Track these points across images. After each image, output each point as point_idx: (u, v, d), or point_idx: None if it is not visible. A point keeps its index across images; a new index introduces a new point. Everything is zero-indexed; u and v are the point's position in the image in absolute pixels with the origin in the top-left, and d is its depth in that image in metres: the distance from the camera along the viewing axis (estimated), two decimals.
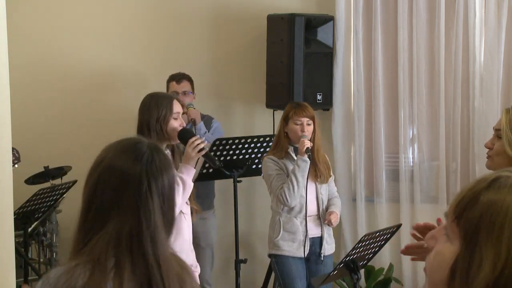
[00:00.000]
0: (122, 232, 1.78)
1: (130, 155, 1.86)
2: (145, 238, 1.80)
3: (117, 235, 1.78)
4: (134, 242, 1.79)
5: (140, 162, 1.84)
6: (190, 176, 3.64)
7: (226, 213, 5.35)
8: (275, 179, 4.41)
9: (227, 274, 5.44)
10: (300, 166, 4.33)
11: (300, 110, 4.43)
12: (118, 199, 1.81)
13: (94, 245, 1.78)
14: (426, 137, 5.28)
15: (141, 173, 1.83)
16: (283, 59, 5.17)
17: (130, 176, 1.83)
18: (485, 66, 5.10)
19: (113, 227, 1.79)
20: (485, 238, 1.12)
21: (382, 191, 5.36)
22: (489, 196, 1.14)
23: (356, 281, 3.80)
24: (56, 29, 5.91)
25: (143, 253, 1.79)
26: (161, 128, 3.63)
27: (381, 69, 5.32)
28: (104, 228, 1.79)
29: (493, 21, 5.06)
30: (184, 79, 5.21)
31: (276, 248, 4.46)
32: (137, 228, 1.79)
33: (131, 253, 1.78)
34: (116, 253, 1.77)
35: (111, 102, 5.86)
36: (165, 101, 3.68)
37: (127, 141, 1.93)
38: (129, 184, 1.82)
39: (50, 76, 5.91)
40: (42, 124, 5.81)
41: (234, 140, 4.67)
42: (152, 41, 5.80)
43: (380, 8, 5.28)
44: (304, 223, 4.43)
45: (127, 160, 1.85)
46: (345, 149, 5.43)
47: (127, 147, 1.89)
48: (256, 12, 5.51)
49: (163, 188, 1.85)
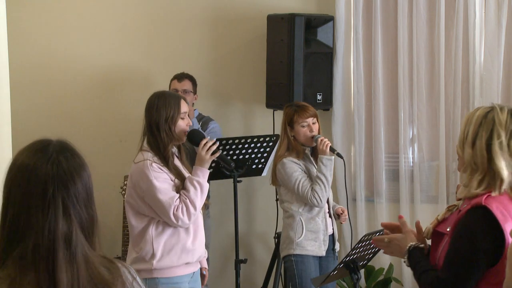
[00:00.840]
0: (35, 243, 1.71)
1: (42, 160, 1.77)
2: (57, 247, 1.71)
3: (32, 247, 1.70)
4: (46, 253, 1.70)
5: (46, 166, 1.75)
6: (205, 178, 3.71)
7: (226, 213, 5.35)
8: (301, 180, 4.37)
9: (227, 274, 5.44)
10: (327, 166, 4.34)
11: (303, 112, 4.42)
12: (28, 209, 1.73)
13: (11, 261, 1.72)
14: (426, 137, 5.28)
15: (46, 178, 1.74)
16: (283, 59, 5.17)
17: (36, 181, 1.74)
18: (485, 66, 5.10)
19: (29, 238, 1.71)
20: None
21: (382, 191, 5.36)
22: None
23: (356, 281, 3.80)
24: (56, 29, 5.90)
25: (54, 263, 1.70)
26: (170, 128, 3.65)
27: (381, 69, 5.32)
28: (23, 239, 1.72)
29: (493, 21, 5.06)
30: (186, 78, 5.26)
31: (300, 248, 4.40)
32: (49, 236, 1.71)
33: (44, 268, 1.70)
34: (33, 267, 1.70)
35: (112, 102, 5.85)
36: (173, 101, 3.70)
37: (35, 145, 1.84)
38: (35, 190, 1.73)
39: (51, 76, 5.90)
40: (42, 124, 5.81)
41: (234, 140, 4.67)
42: (152, 41, 5.80)
43: (380, 8, 5.28)
44: (325, 222, 4.44)
45: (38, 166, 1.76)
46: (345, 149, 5.43)
47: (36, 150, 1.80)
48: (256, 12, 5.51)
49: (76, 193, 1.76)
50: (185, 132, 3.72)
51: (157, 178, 3.59)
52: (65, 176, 1.76)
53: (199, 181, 3.66)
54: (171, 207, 3.58)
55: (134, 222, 3.69)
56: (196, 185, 3.65)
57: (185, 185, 3.66)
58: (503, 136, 2.50)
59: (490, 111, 2.55)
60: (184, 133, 3.71)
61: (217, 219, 5.58)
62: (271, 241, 5.25)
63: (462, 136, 2.58)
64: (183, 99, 3.77)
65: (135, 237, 3.71)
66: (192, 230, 3.74)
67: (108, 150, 5.78)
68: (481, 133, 2.52)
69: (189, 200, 3.62)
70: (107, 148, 5.79)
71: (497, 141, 2.50)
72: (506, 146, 2.51)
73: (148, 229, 3.66)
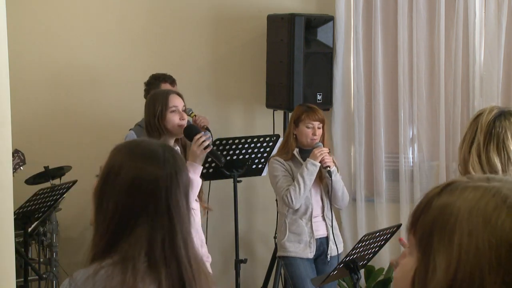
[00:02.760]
0: (155, 237, 1.78)
1: (151, 160, 1.85)
2: (178, 242, 1.80)
3: (150, 240, 1.78)
4: (167, 247, 1.79)
5: (164, 166, 1.83)
6: (198, 174, 3.65)
7: (226, 213, 5.35)
8: (280, 180, 4.40)
9: (227, 274, 5.44)
10: (309, 170, 4.31)
11: (313, 114, 4.41)
12: (147, 206, 1.80)
13: (126, 249, 1.77)
14: (426, 137, 5.28)
15: (167, 177, 1.82)
16: (283, 59, 5.17)
17: (159, 182, 1.82)
18: (485, 66, 5.10)
19: (144, 233, 1.78)
20: (438, 243, 1.07)
21: (382, 191, 5.36)
22: (440, 201, 1.10)
23: (356, 281, 3.80)
24: (56, 29, 5.90)
25: (176, 256, 1.80)
26: (160, 125, 3.61)
27: (381, 69, 5.32)
28: (132, 233, 1.79)
29: (493, 21, 5.06)
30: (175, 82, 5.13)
31: (283, 249, 4.44)
32: (171, 233, 1.80)
33: (165, 257, 1.79)
34: (149, 256, 1.78)
35: (112, 102, 5.85)
36: (160, 97, 3.67)
37: (139, 145, 1.93)
38: (159, 191, 1.81)
39: (50, 76, 5.90)
40: (42, 124, 5.81)
41: (234, 140, 4.67)
42: (152, 41, 5.80)
43: (380, 8, 5.28)
44: (310, 224, 4.43)
45: (151, 165, 1.84)
46: (345, 149, 5.43)
47: (143, 152, 1.88)
48: (256, 12, 5.51)
49: (186, 187, 1.86)
50: (180, 126, 3.64)
51: None
52: (180, 171, 1.86)
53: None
54: None
55: None
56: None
57: None
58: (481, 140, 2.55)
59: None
60: (178, 127, 3.64)
61: (217, 219, 5.57)
62: (271, 241, 5.25)
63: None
64: (176, 94, 3.73)
65: None
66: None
67: (108, 150, 5.76)
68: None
69: None
70: (107, 148, 5.77)
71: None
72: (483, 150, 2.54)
73: None
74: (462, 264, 1.04)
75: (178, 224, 1.81)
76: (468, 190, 1.09)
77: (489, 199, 1.06)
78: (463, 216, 1.06)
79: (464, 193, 1.09)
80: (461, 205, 1.07)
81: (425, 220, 1.10)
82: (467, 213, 1.06)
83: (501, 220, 1.04)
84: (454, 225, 1.06)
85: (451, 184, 1.12)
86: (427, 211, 1.11)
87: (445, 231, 1.07)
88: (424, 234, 1.10)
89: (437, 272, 1.06)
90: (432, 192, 1.13)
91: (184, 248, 1.81)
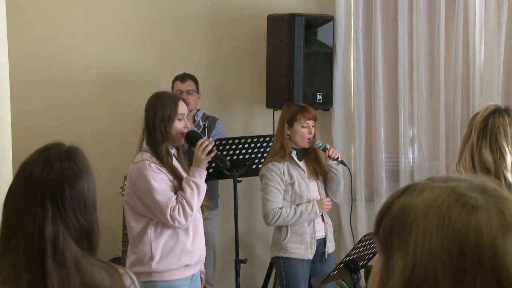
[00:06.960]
0: (26, 245, 1.75)
1: (39, 161, 1.82)
2: (46, 249, 1.74)
3: (24, 248, 1.75)
4: (37, 252, 1.74)
5: (41, 169, 1.79)
6: (203, 178, 3.70)
7: (226, 213, 5.35)
8: (271, 194, 4.35)
9: (227, 274, 5.44)
10: (310, 215, 4.35)
11: (307, 112, 4.39)
12: (22, 209, 1.77)
13: (5, 259, 1.75)
14: (426, 137, 5.28)
15: (37, 181, 1.78)
16: (283, 59, 5.17)
17: (30, 181, 1.78)
18: (485, 66, 5.10)
19: (20, 238, 1.75)
20: (396, 244, 1.07)
21: (382, 191, 5.36)
22: (400, 202, 1.10)
23: (356, 281, 3.81)
24: (56, 29, 5.91)
25: (43, 265, 1.73)
26: (165, 129, 3.63)
27: (381, 69, 5.32)
28: (16, 238, 1.75)
29: (493, 21, 5.05)
30: (189, 78, 5.25)
31: (283, 250, 4.41)
32: (38, 238, 1.75)
33: (34, 269, 1.73)
34: (25, 268, 1.74)
35: (113, 102, 5.86)
36: (170, 101, 3.69)
37: (44, 147, 1.90)
38: (28, 190, 1.78)
39: (51, 76, 5.90)
40: (42, 124, 5.81)
41: (234, 140, 4.67)
42: (152, 41, 5.80)
43: (380, 8, 5.28)
44: (312, 225, 4.42)
45: (35, 167, 1.81)
46: (345, 149, 5.43)
47: (40, 152, 1.86)
48: (256, 12, 5.51)
49: (64, 200, 1.78)
50: (182, 134, 3.70)
51: (155, 179, 3.58)
52: (55, 182, 1.78)
53: (195, 182, 3.65)
54: (168, 207, 3.57)
55: (133, 223, 3.69)
56: (192, 185, 3.64)
57: (182, 186, 3.66)
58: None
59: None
60: (181, 135, 3.69)
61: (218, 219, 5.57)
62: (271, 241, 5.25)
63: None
64: (182, 100, 3.77)
65: (134, 239, 3.70)
66: (192, 231, 3.74)
67: (108, 150, 5.77)
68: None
69: (185, 200, 3.61)
70: (107, 148, 5.78)
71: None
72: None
73: (147, 231, 3.65)
74: (417, 265, 1.04)
75: (40, 233, 1.76)
76: (426, 190, 1.09)
77: (444, 199, 1.06)
78: (419, 216, 1.06)
79: (422, 194, 1.09)
80: (418, 206, 1.07)
81: (386, 222, 1.11)
82: (423, 213, 1.06)
83: (453, 219, 1.04)
84: (411, 225, 1.06)
85: (411, 186, 1.12)
86: (388, 213, 1.11)
87: (403, 231, 1.07)
88: (385, 236, 1.10)
89: (395, 272, 1.06)
90: (393, 195, 1.13)
91: (52, 258, 1.75)
